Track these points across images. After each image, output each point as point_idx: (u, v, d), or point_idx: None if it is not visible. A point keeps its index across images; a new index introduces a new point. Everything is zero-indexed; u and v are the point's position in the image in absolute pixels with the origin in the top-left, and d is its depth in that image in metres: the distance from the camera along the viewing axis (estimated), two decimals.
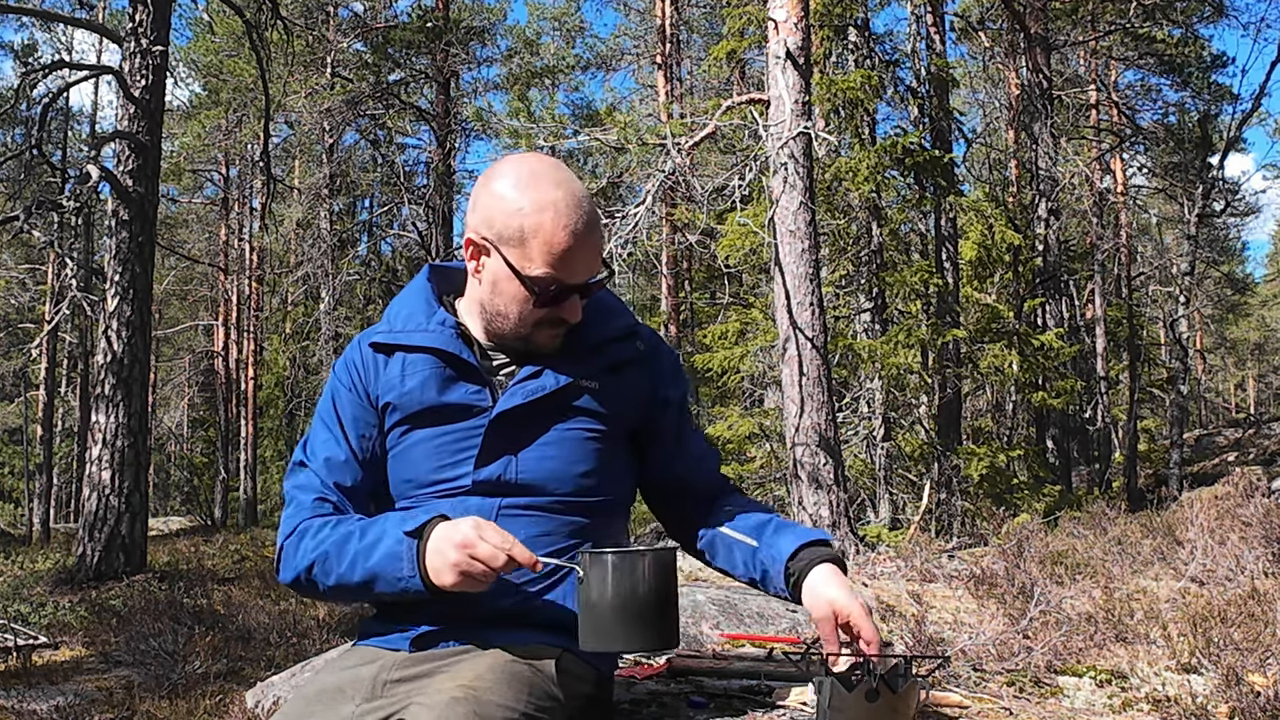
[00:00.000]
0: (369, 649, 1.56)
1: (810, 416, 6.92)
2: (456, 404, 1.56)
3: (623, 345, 1.63)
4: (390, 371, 1.60)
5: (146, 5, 9.84)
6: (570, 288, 1.50)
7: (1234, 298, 31.52)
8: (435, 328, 1.58)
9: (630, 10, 23.01)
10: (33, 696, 4.64)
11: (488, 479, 1.53)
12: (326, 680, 1.48)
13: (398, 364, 1.59)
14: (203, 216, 27.07)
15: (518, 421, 1.54)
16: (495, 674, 1.37)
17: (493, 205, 1.49)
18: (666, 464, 1.69)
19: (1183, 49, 17.47)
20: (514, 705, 1.33)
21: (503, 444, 1.54)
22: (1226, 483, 6.24)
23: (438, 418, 1.56)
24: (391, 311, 1.65)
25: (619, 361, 1.61)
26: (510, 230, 1.47)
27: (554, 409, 1.55)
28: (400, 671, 1.45)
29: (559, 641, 1.50)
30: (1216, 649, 2.38)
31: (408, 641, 1.51)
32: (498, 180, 1.50)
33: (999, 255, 12.45)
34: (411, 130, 20.97)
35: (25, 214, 9.22)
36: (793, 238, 7.03)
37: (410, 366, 1.58)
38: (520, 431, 1.54)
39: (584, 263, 1.49)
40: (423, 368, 1.57)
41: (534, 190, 1.47)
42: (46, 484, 22.19)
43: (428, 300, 1.64)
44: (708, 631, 3.19)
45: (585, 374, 1.57)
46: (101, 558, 9.17)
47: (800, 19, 7.23)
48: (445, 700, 1.31)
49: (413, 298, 1.66)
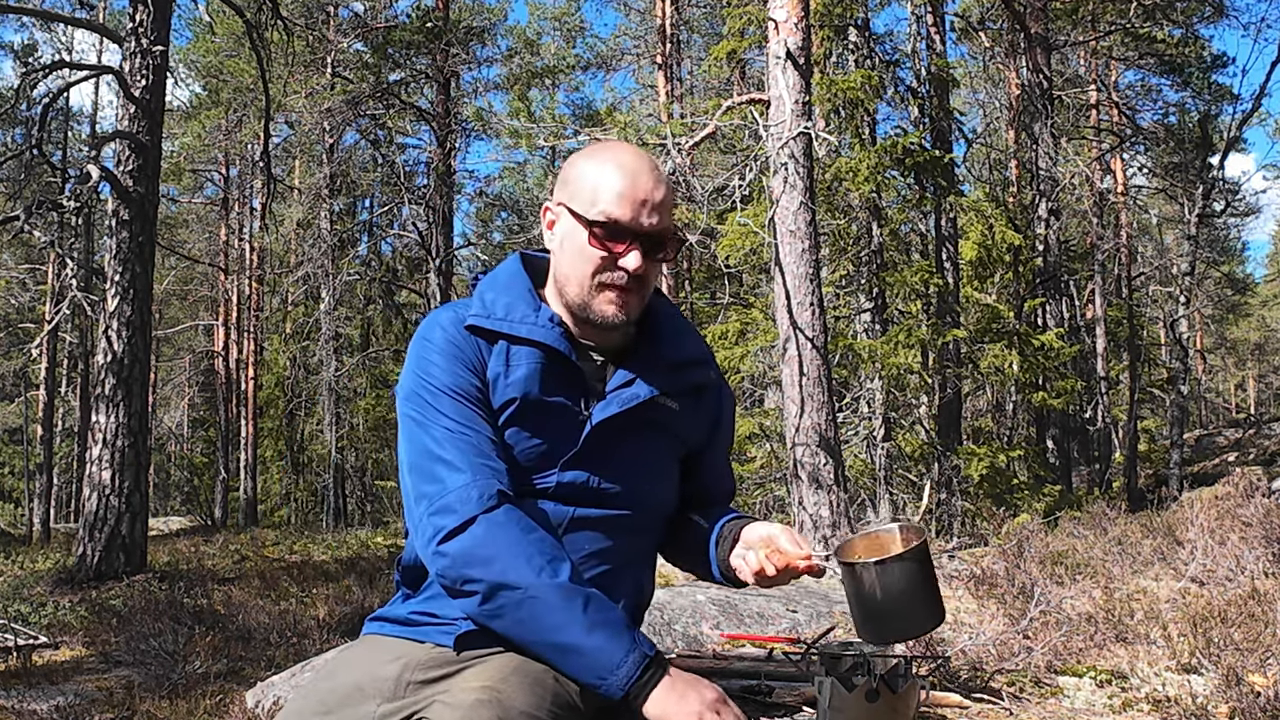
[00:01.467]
0: (392, 642, 1.52)
1: (810, 416, 6.92)
2: (557, 404, 1.54)
3: (700, 370, 1.66)
4: (495, 358, 1.56)
5: (146, 5, 9.84)
6: (627, 228, 1.50)
7: (1234, 298, 31.51)
8: (544, 324, 1.56)
9: (630, 10, 23.02)
10: (33, 696, 4.64)
11: (571, 484, 1.53)
12: (344, 678, 1.46)
13: (500, 352, 1.56)
14: (203, 216, 27.06)
15: (611, 432, 1.54)
16: (519, 676, 1.36)
17: (568, 172, 1.58)
18: (699, 475, 1.71)
19: (1183, 49, 17.47)
20: (536, 712, 1.32)
21: (594, 452, 1.54)
22: (1226, 483, 6.24)
23: (538, 415, 1.54)
24: (487, 298, 1.60)
25: (697, 385, 1.64)
26: (577, 185, 1.54)
27: (643, 423, 1.56)
28: (424, 674, 1.43)
29: None
30: (1216, 649, 2.38)
31: (451, 637, 1.47)
32: (577, 156, 1.60)
33: (999, 255, 12.45)
34: (411, 130, 20.99)
35: (25, 214, 9.21)
36: (793, 238, 7.02)
37: (515, 357, 1.55)
38: (611, 442, 1.54)
39: (645, 208, 1.51)
40: (529, 361, 1.55)
41: (604, 152, 1.56)
42: (46, 484, 22.18)
43: (530, 292, 1.61)
44: (708, 631, 3.19)
45: (670, 390, 1.59)
46: (101, 558, 9.16)
47: (800, 19, 7.23)
48: (470, 701, 1.30)
49: (512, 287, 1.62)
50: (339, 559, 11.12)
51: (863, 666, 1.46)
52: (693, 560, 1.68)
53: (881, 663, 1.45)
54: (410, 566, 1.59)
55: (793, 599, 4.05)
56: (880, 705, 1.37)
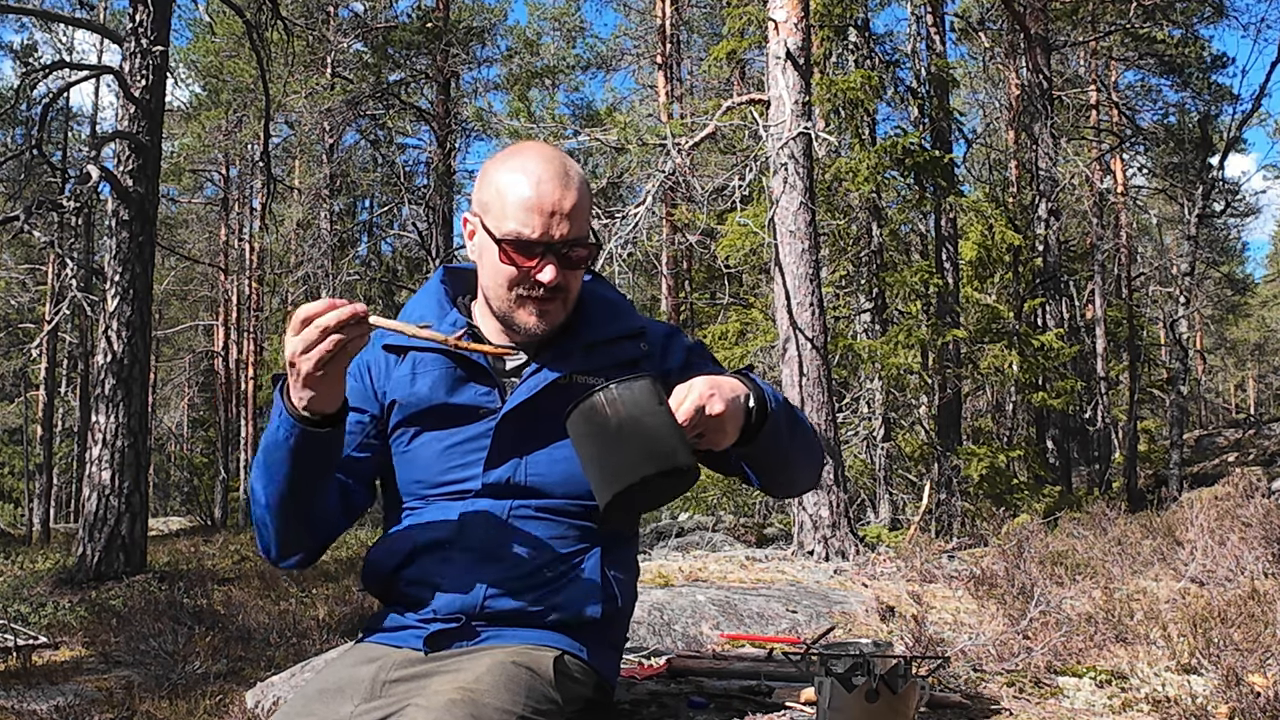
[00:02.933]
0: (373, 646, 1.55)
1: (810, 416, 6.92)
2: (466, 405, 1.55)
3: (629, 344, 1.61)
4: (401, 371, 1.59)
5: (146, 5, 9.84)
6: (536, 243, 1.47)
7: (1234, 298, 31.49)
8: (446, 329, 1.56)
9: (630, 10, 23.02)
10: (33, 696, 4.64)
11: (497, 481, 1.53)
12: (327, 679, 1.48)
13: (409, 364, 1.59)
14: (203, 216, 27.05)
15: (526, 422, 1.53)
16: (493, 675, 1.37)
17: (481, 181, 1.56)
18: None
19: (1183, 49, 17.46)
20: (511, 708, 1.33)
21: (512, 445, 1.53)
22: (1226, 483, 6.24)
23: (447, 419, 1.55)
24: (405, 312, 1.65)
25: (625, 361, 1.59)
26: (487, 196, 1.52)
27: (562, 407, 1.52)
28: (399, 672, 1.44)
29: (565, 643, 1.49)
30: (1216, 649, 2.38)
31: (420, 639, 1.50)
32: (490, 163, 1.57)
33: (999, 255, 12.44)
34: (411, 130, 20.98)
35: (25, 214, 9.21)
36: (793, 238, 7.02)
37: (421, 366, 1.58)
38: (529, 433, 1.54)
39: (555, 219, 1.47)
40: (433, 368, 1.57)
41: (514, 159, 1.53)
42: (46, 484, 22.17)
43: (440, 302, 1.64)
44: (708, 631, 3.19)
45: (588, 370, 1.55)
46: (101, 558, 9.16)
47: (800, 19, 7.23)
48: (443, 703, 1.30)
49: (426, 298, 1.66)
50: (339, 559, 11.12)
51: (863, 666, 1.46)
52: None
53: (881, 663, 1.45)
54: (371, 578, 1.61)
55: (792, 599, 4.05)
56: (880, 705, 1.37)
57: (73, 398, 25.49)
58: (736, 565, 5.83)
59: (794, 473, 1.58)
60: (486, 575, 1.49)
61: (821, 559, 6.47)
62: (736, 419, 1.38)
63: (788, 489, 1.64)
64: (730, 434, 1.38)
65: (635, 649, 2.66)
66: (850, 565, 6.11)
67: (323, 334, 1.29)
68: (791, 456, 1.53)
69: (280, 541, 1.52)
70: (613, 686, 1.61)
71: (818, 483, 1.64)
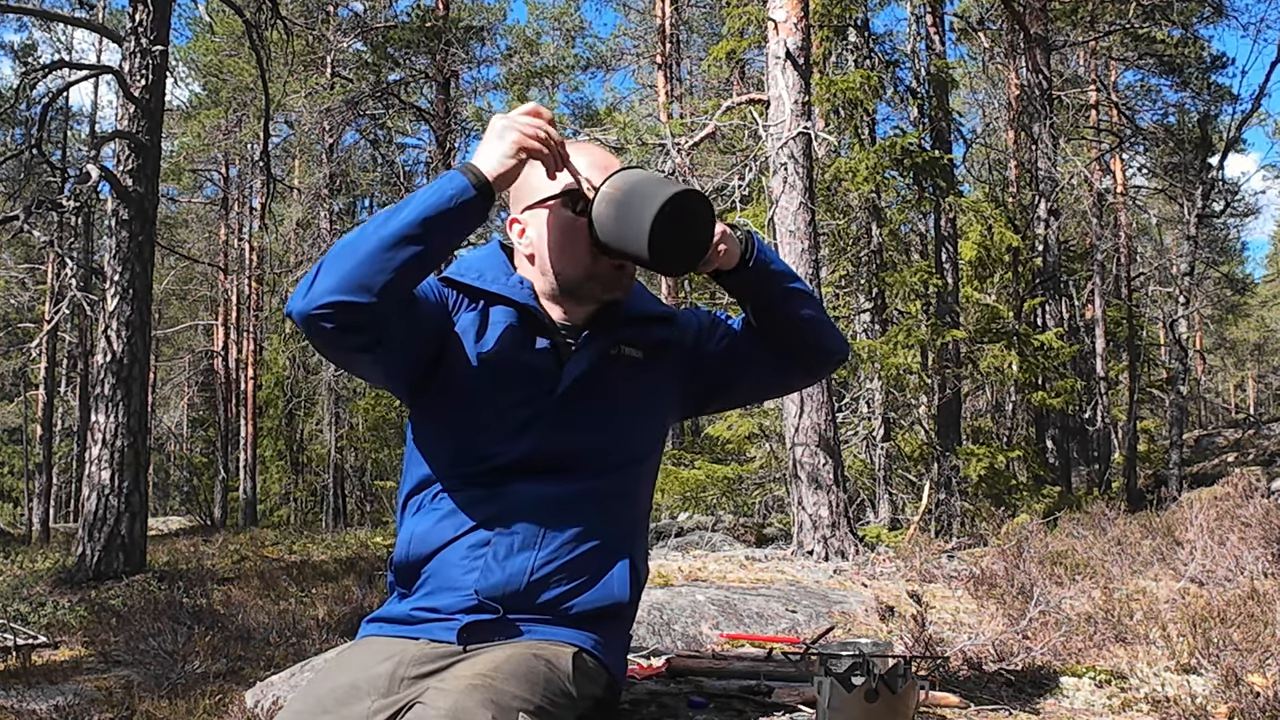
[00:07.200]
0: (389, 641, 1.52)
1: (810, 416, 6.92)
2: (528, 363, 1.57)
3: (661, 327, 1.68)
4: (467, 312, 1.60)
5: (146, 5, 9.83)
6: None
7: (1234, 298, 31.47)
8: (515, 286, 1.61)
9: (630, 10, 23.02)
10: (32, 696, 4.63)
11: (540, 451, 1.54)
12: (340, 679, 1.46)
13: (478, 310, 1.60)
14: (203, 216, 27.04)
15: (581, 390, 1.57)
16: (512, 665, 1.40)
17: (520, 181, 1.56)
18: (740, 350, 1.71)
19: (1182, 49, 17.45)
20: (529, 697, 1.35)
21: (564, 412, 1.56)
22: (1226, 483, 6.25)
23: (509, 370, 1.57)
24: (462, 265, 1.65)
25: (658, 341, 1.65)
26: (538, 182, 1.55)
27: (610, 379, 1.59)
28: (418, 669, 1.44)
29: (583, 639, 1.51)
30: (1216, 649, 2.38)
31: (453, 632, 1.49)
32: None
33: (999, 255, 12.45)
34: (411, 130, 20.98)
35: (25, 214, 9.21)
36: (792, 238, 7.03)
37: (494, 315, 1.60)
38: (580, 400, 1.57)
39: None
40: (502, 319, 1.59)
41: (568, 147, 1.57)
42: (46, 484, 22.15)
43: (505, 263, 1.67)
44: (708, 631, 3.19)
45: (635, 341, 1.62)
46: (101, 557, 9.16)
47: (800, 19, 7.23)
48: (463, 687, 1.33)
49: (487, 258, 1.67)
50: (338, 559, 11.13)
51: (862, 666, 1.46)
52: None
53: (881, 663, 1.45)
54: (402, 564, 1.58)
55: (792, 599, 4.05)
56: (879, 705, 1.37)
57: (72, 397, 25.47)
58: (736, 565, 5.84)
59: (797, 304, 1.67)
60: (529, 562, 1.51)
61: (821, 559, 6.47)
62: (734, 241, 1.59)
63: (804, 329, 1.68)
64: (733, 251, 1.58)
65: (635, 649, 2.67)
66: (850, 565, 6.11)
67: (545, 133, 1.44)
68: (793, 292, 1.66)
69: (359, 274, 1.37)
70: (621, 687, 1.62)
71: (839, 340, 1.72)
